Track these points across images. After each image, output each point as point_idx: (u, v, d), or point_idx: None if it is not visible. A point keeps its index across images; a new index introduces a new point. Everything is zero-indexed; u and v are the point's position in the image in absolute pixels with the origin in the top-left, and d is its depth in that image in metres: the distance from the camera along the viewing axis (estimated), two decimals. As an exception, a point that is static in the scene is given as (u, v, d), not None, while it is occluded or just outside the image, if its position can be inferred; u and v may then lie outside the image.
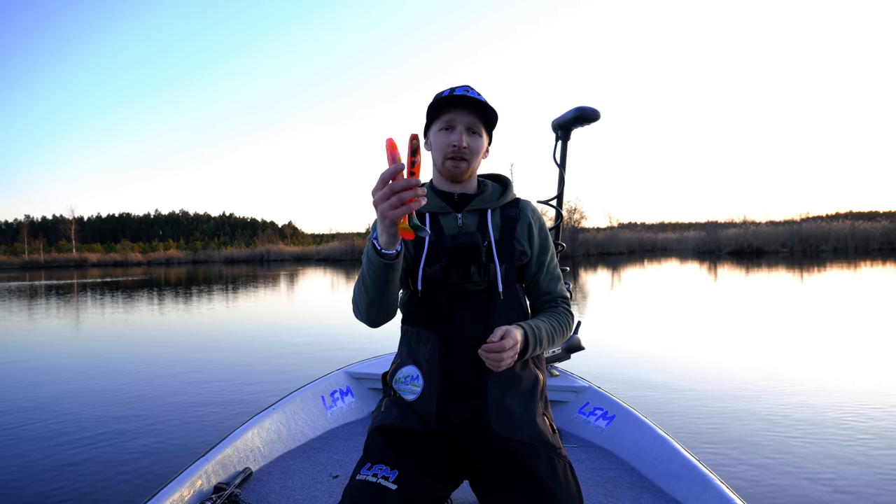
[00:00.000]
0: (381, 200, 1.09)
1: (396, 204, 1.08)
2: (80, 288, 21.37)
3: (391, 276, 1.30)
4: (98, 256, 66.72)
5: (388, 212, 1.09)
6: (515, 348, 1.33)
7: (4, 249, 79.66)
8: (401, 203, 1.08)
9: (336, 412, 2.79)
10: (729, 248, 39.54)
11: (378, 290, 1.33)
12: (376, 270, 1.28)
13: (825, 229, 38.61)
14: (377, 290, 1.33)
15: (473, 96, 1.45)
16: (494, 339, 1.30)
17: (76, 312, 12.18)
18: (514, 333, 1.33)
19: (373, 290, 1.33)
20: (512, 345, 1.31)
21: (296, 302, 13.70)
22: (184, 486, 1.82)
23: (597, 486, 2.07)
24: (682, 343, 6.89)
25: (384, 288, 1.32)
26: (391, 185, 1.07)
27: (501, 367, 1.30)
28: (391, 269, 1.28)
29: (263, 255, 63.03)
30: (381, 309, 1.40)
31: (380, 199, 1.09)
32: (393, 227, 1.15)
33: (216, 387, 5.12)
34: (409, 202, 1.08)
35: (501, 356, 1.29)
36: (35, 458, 3.44)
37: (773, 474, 2.98)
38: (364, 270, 1.33)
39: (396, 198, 1.08)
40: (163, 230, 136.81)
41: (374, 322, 1.44)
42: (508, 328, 1.34)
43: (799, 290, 12.71)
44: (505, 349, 1.29)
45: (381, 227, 1.17)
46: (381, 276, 1.29)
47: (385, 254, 1.24)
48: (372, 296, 1.35)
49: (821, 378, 4.91)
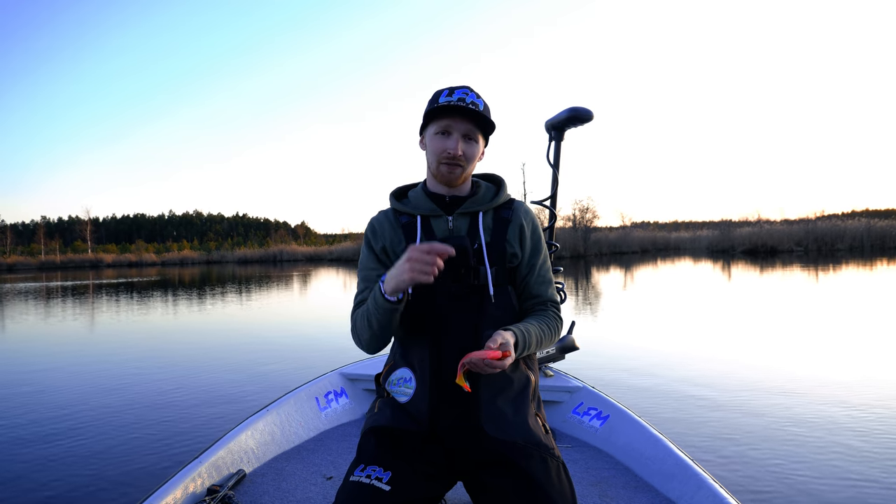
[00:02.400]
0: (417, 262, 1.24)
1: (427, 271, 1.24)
2: (95, 289, 21.63)
3: (395, 316, 1.39)
4: (113, 257, 67.45)
5: (418, 275, 1.24)
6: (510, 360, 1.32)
7: (21, 250, 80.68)
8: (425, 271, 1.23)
9: (330, 413, 2.79)
10: (743, 247, 39.30)
11: (382, 328, 1.41)
12: (382, 311, 1.36)
13: (841, 228, 38.29)
14: (382, 328, 1.41)
15: (472, 100, 1.45)
16: (494, 345, 1.29)
17: (87, 314, 12.32)
18: (511, 345, 1.33)
19: (377, 327, 1.41)
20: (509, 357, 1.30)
21: (298, 303, 13.77)
22: (177, 489, 1.82)
23: (591, 486, 2.07)
24: (680, 343, 6.87)
25: (388, 326, 1.41)
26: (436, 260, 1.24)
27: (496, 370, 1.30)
28: (396, 312, 1.37)
29: (276, 255, 63.51)
30: (383, 340, 1.47)
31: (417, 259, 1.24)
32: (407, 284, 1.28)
33: (210, 388, 5.14)
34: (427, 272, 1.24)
35: (496, 366, 1.28)
36: (28, 459, 3.45)
37: (767, 473, 2.99)
38: (369, 308, 1.40)
39: (432, 267, 1.24)
40: (177, 231, 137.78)
41: (373, 350, 1.50)
42: (507, 339, 1.33)
43: (812, 289, 12.60)
44: (505, 366, 1.29)
45: (398, 279, 1.29)
46: (387, 317, 1.38)
47: (389, 300, 1.34)
48: (376, 331, 1.42)
49: (820, 378, 4.89)
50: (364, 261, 1.57)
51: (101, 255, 68.99)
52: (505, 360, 1.28)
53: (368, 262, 1.56)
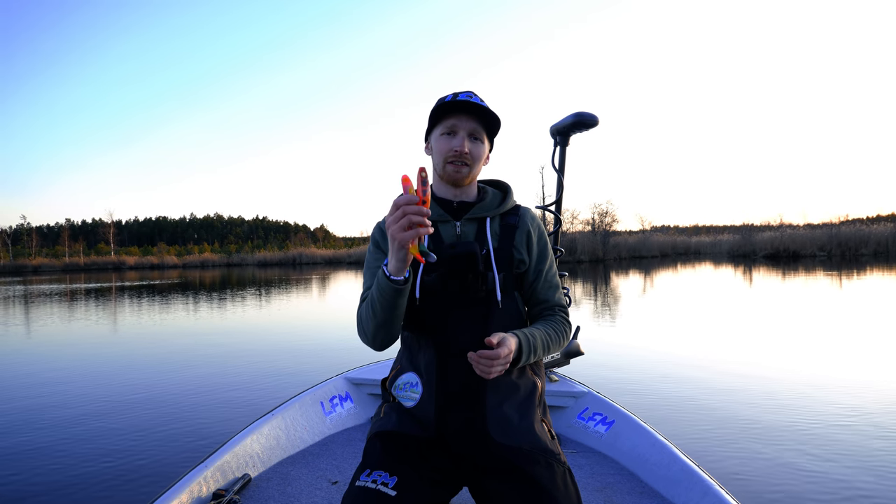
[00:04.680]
0: (393, 223, 1.20)
1: (406, 226, 1.19)
2: (117, 291, 21.95)
3: (399, 301, 1.35)
4: (135, 259, 68.49)
5: (398, 233, 1.20)
6: (508, 357, 1.32)
7: (46, 252, 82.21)
8: (410, 225, 1.19)
9: (335, 418, 2.80)
10: (764, 252, 38.75)
11: (386, 314, 1.37)
12: (385, 295, 1.33)
13: (865, 232, 37.55)
14: (385, 314, 1.37)
15: (477, 101, 1.46)
16: (492, 342, 1.29)
17: (104, 317, 12.50)
18: (509, 342, 1.33)
19: (381, 313, 1.38)
20: (506, 353, 1.31)
21: (310, 307, 13.76)
22: (182, 493, 1.84)
23: (596, 492, 2.07)
24: (690, 348, 6.79)
25: (392, 312, 1.37)
26: (403, 209, 1.18)
27: (491, 374, 1.30)
28: (400, 294, 1.33)
29: (296, 258, 63.94)
30: (388, 332, 1.44)
31: (392, 222, 1.20)
32: (403, 250, 1.24)
33: (215, 392, 5.15)
34: (418, 227, 1.19)
35: (492, 363, 1.28)
36: (33, 462, 3.47)
37: (774, 480, 2.96)
38: (373, 294, 1.38)
39: (407, 219, 1.18)
40: (198, 234, 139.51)
41: (379, 345, 1.48)
42: (504, 335, 1.34)
43: (833, 295, 12.36)
44: (499, 357, 1.28)
45: (393, 251, 1.26)
46: (390, 301, 1.34)
47: (394, 279, 1.30)
48: (380, 319, 1.39)
49: (833, 386, 4.79)
50: (370, 259, 1.58)
51: (124, 257, 70.12)
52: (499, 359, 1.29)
53: (376, 260, 1.57)
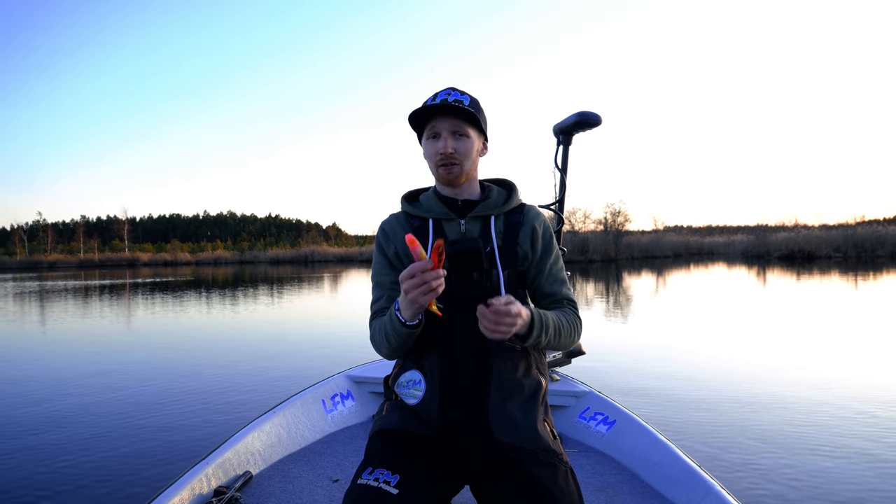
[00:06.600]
0: (412, 288, 1.22)
1: (426, 292, 1.22)
2: (130, 287, 22.16)
3: (414, 337, 1.41)
4: (149, 256, 69.28)
5: (419, 298, 1.22)
6: (517, 320, 1.26)
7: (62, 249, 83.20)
8: (430, 291, 1.22)
9: (337, 416, 2.81)
10: (779, 253, 38.47)
11: (402, 346, 1.43)
12: (401, 336, 1.38)
13: (882, 233, 37.17)
14: (400, 345, 1.43)
15: (456, 98, 1.46)
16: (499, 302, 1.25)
17: (116, 314, 12.63)
18: (520, 307, 1.28)
19: (396, 344, 1.42)
20: (516, 312, 1.25)
21: (318, 305, 13.83)
22: (184, 490, 1.85)
23: (598, 492, 2.07)
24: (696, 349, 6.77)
25: (407, 342, 1.42)
26: (422, 277, 1.20)
27: (495, 333, 1.25)
28: (414, 335, 1.39)
29: (308, 255, 64.36)
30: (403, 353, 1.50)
31: (411, 287, 1.22)
32: (421, 309, 1.29)
33: (216, 390, 5.16)
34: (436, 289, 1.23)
35: (500, 319, 1.23)
36: (34, 460, 3.49)
37: (774, 480, 2.95)
38: (387, 329, 1.41)
39: (427, 286, 1.21)
40: (211, 231, 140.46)
41: (393, 359, 1.54)
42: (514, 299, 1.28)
43: (847, 297, 12.24)
44: (509, 313, 1.23)
45: (409, 307, 1.30)
46: (405, 339, 1.40)
47: (409, 325, 1.35)
48: (395, 347, 1.44)
49: (839, 387, 4.77)
50: (377, 267, 1.58)
51: (138, 254, 70.98)
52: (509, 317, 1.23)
53: (381, 269, 1.57)
